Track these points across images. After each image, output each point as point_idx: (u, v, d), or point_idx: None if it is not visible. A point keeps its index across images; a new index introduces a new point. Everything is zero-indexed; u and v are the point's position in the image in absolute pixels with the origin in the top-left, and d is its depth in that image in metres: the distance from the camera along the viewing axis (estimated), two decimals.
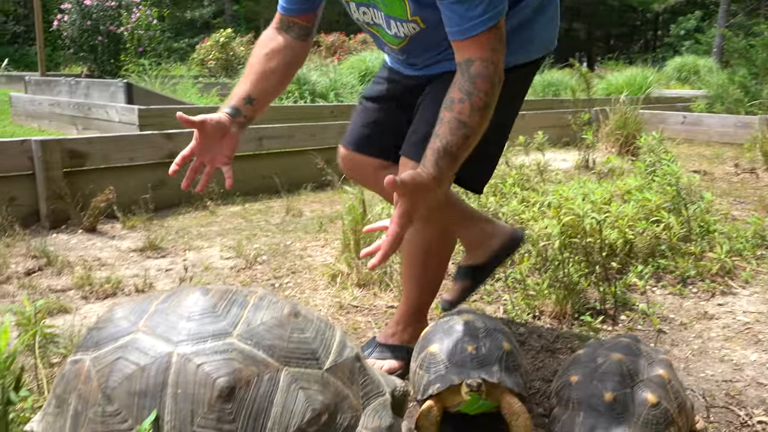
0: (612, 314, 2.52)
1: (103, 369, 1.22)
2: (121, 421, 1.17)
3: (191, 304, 1.30)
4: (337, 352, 1.37)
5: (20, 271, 2.89)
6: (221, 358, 1.21)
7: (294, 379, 1.25)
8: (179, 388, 1.18)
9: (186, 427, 1.16)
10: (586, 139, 4.93)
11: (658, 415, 1.60)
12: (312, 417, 1.23)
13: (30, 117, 7.96)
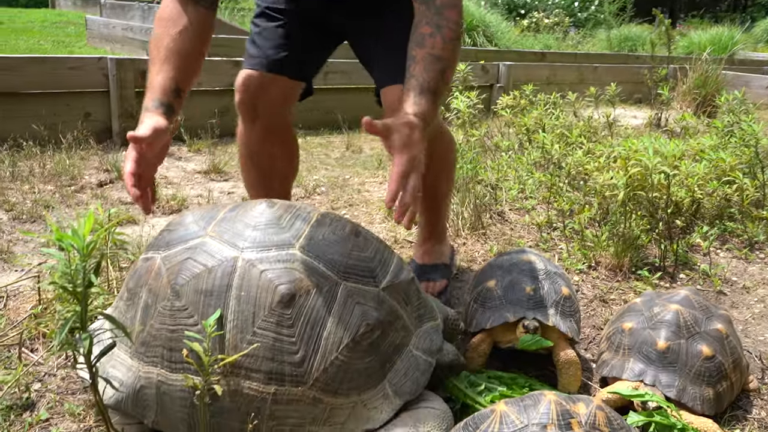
0: (671, 272, 2.46)
1: (173, 267, 1.28)
2: (187, 317, 1.23)
3: (257, 215, 1.34)
4: (394, 273, 1.39)
5: (93, 183, 3.03)
6: (283, 266, 1.26)
7: (351, 293, 1.29)
8: (243, 290, 1.23)
9: (247, 328, 1.21)
10: (661, 96, 4.70)
11: (711, 368, 1.57)
12: (366, 331, 1.27)
13: (104, 40, 8.15)
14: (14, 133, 3.35)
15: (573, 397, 1.16)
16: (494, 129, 4.58)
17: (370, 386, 1.28)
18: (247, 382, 1.21)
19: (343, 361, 1.24)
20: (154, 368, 1.25)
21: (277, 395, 1.21)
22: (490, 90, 5.87)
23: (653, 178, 2.45)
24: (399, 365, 1.33)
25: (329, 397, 1.24)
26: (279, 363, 1.21)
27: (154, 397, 1.26)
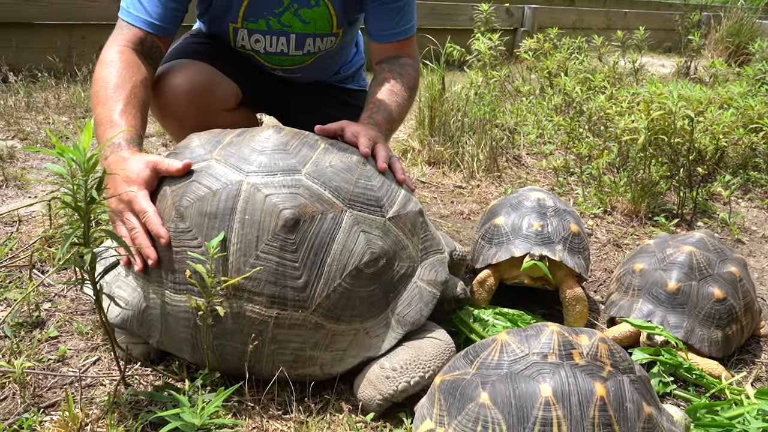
0: (689, 219, 2.41)
1: (178, 189, 1.27)
2: (191, 238, 1.23)
3: (264, 140, 1.32)
4: (401, 204, 1.37)
5: None
6: (288, 191, 1.24)
7: (356, 221, 1.27)
8: (247, 214, 1.22)
9: (250, 251, 1.21)
10: (692, 42, 4.52)
11: (722, 310, 1.55)
12: (370, 259, 1.25)
13: None
14: (29, 63, 3.33)
15: (577, 329, 1.14)
16: (516, 73, 4.46)
17: (372, 314, 1.28)
18: (249, 305, 1.21)
19: (346, 288, 1.24)
20: (159, 289, 1.26)
21: (279, 319, 1.21)
22: (514, 34, 5.70)
23: (676, 122, 2.37)
24: (403, 295, 1.32)
25: (331, 323, 1.24)
26: (282, 287, 1.21)
27: (158, 317, 1.27)
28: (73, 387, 1.27)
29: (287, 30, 1.70)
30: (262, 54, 1.76)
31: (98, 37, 3.64)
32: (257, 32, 1.70)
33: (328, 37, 1.75)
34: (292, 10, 1.67)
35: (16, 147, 2.47)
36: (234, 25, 1.69)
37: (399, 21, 1.74)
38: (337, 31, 1.75)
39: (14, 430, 1.14)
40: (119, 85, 1.40)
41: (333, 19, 1.71)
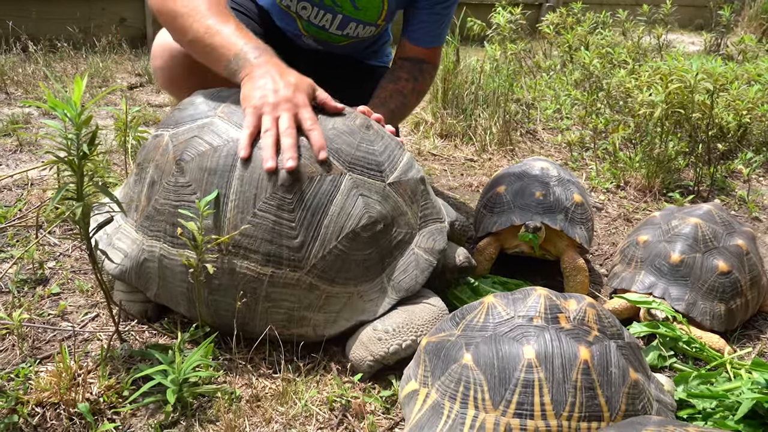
0: (705, 196, 2.35)
1: (179, 144, 1.27)
2: (190, 193, 1.23)
3: None
4: (402, 170, 1.36)
5: (124, 85, 3.06)
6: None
7: (356, 185, 1.26)
8: (246, 171, 1.21)
9: (248, 209, 1.21)
10: (722, 17, 4.37)
11: (726, 283, 1.51)
12: (367, 223, 1.25)
13: None
14: (49, 34, 3.38)
15: (567, 294, 1.13)
16: (538, 48, 4.38)
17: (367, 279, 1.28)
18: (245, 262, 1.22)
19: (341, 251, 1.24)
20: (157, 242, 1.27)
21: (274, 278, 1.22)
22: (538, 9, 5.58)
23: (695, 96, 2.30)
24: (399, 261, 1.32)
25: (325, 284, 1.24)
26: (277, 246, 1.21)
27: (156, 270, 1.28)
28: (70, 341, 1.30)
29: (336, 9, 1.69)
30: (304, 21, 1.75)
31: (117, 8, 3.69)
32: (306, 1, 1.69)
33: (371, 26, 1.76)
34: None
35: (33, 114, 2.52)
36: None
37: (438, 29, 1.79)
38: (381, 23, 1.77)
39: (9, 378, 1.17)
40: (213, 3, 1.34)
41: (383, 12, 1.73)
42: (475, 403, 1.01)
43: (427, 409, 1.06)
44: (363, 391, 1.21)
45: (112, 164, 2.14)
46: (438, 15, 1.76)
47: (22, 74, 2.92)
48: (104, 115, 2.61)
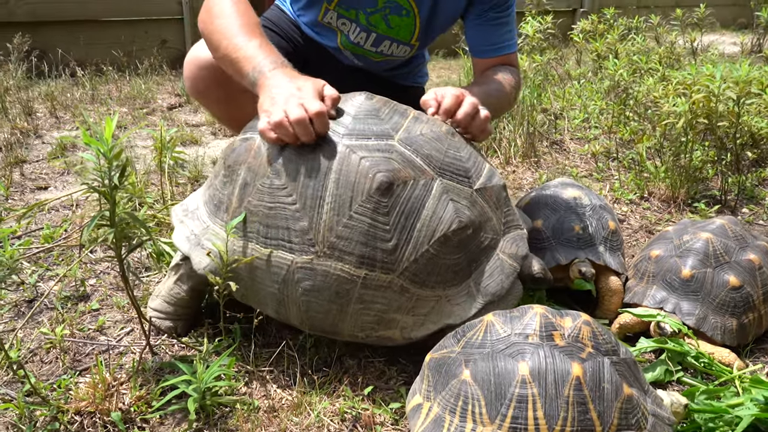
0: (732, 205, 2.33)
1: (273, 147, 1.31)
2: (286, 195, 1.27)
3: (357, 105, 1.35)
4: (487, 177, 1.39)
5: (164, 106, 3.22)
6: (382, 155, 1.27)
7: (446, 190, 1.29)
8: (341, 175, 1.25)
9: (344, 211, 1.25)
10: (761, 17, 4.28)
11: (737, 298, 1.52)
12: (458, 228, 1.28)
13: None
14: (96, 58, 3.58)
15: (563, 312, 1.17)
16: (570, 56, 4.37)
17: (455, 282, 1.31)
18: (339, 264, 1.26)
19: (433, 254, 1.27)
20: (249, 243, 1.31)
21: (367, 280, 1.26)
22: (573, 15, 5.56)
23: (719, 106, 2.29)
24: (485, 266, 1.35)
25: (416, 287, 1.28)
26: (372, 248, 1.25)
27: (246, 270, 1.32)
28: (106, 354, 1.42)
29: (371, 29, 1.78)
30: (343, 36, 1.84)
31: (158, 31, 3.87)
32: (345, 18, 1.78)
33: (405, 45, 1.82)
34: (382, 13, 1.75)
35: (79, 137, 2.69)
36: (327, 5, 1.77)
37: (505, 34, 1.78)
38: (414, 43, 1.82)
39: (52, 388, 1.29)
40: (245, 21, 1.45)
41: (416, 32, 1.79)
42: (473, 417, 1.07)
43: (429, 422, 1.13)
44: (373, 403, 1.28)
45: (150, 184, 2.27)
46: (494, 22, 1.76)
47: (71, 99, 3.11)
48: (145, 135, 2.76)
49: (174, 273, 1.47)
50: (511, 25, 1.80)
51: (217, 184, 1.40)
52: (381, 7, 1.73)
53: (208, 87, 1.78)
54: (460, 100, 1.41)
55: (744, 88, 2.36)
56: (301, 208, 1.24)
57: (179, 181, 2.32)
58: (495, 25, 1.78)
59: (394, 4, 1.73)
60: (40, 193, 2.21)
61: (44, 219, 2.00)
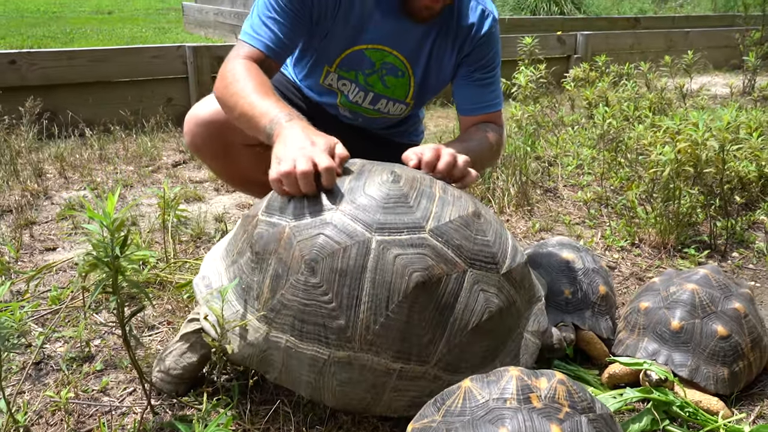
0: (722, 250, 2.38)
1: (305, 241, 1.31)
2: (322, 294, 1.29)
3: (386, 191, 1.34)
4: (511, 257, 1.43)
5: (169, 163, 3.33)
6: (416, 252, 1.29)
7: (476, 280, 1.34)
8: (377, 274, 1.28)
9: (381, 310, 1.28)
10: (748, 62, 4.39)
11: (726, 347, 1.56)
12: (488, 317, 1.34)
13: (198, 25, 8.65)
14: (104, 118, 3.71)
15: (538, 372, 1.21)
16: (564, 102, 4.48)
17: (483, 365, 1.36)
18: (376, 358, 1.30)
19: (465, 344, 1.33)
20: (283, 334, 1.33)
21: (403, 372, 1.31)
22: (567, 61, 5.70)
23: (703, 153, 2.36)
24: (510, 346, 1.41)
25: (448, 374, 1.33)
26: (408, 344, 1.30)
27: (280, 359, 1.35)
28: (109, 414, 1.47)
29: (369, 89, 1.89)
30: (343, 96, 1.94)
31: (164, 89, 4.02)
32: (346, 79, 1.89)
33: (401, 104, 1.93)
34: (379, 74, 1.86)
35: (87, 197, 2.79)
36: (328, 68, 1.88)
37: (490, 93, 1.89)
38: (409, 101, 1.93)
39: None
40: (259, 82, 1.55)
41: (410, 91, 1.90)
42: None
43: None
44: None
45: (154, 242, 2.35)
46: (480, 82, 1.87)
47: (80, 159, 3.23)
48: (150, 193, 2.86)
49: (186, 341, 1.51)
50: (496, 84, 1.91)
51: (244, 266, 1.41)
52: (378, 68, 1.84)
53: (206, 143, 1.89)
54: (438, 153, 1.48)
55: (727, 137, 2.44)
56: (337, 307, 1.27)
57: (182, 238, 2.39)
58: (481, 85, 1.88)
59: (390, 65, 1.84)
60: (49, 254, 2.28)
61: (52, 280, 2.08)
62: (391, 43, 1.79)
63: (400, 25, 1.76)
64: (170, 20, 10.35)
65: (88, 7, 12.67)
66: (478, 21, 1.81)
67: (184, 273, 2.09)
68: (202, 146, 1.89)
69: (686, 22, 8.03)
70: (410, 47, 1.81)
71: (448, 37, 1.81)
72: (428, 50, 1.82)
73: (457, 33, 1.81)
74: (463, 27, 1.80)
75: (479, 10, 1.82)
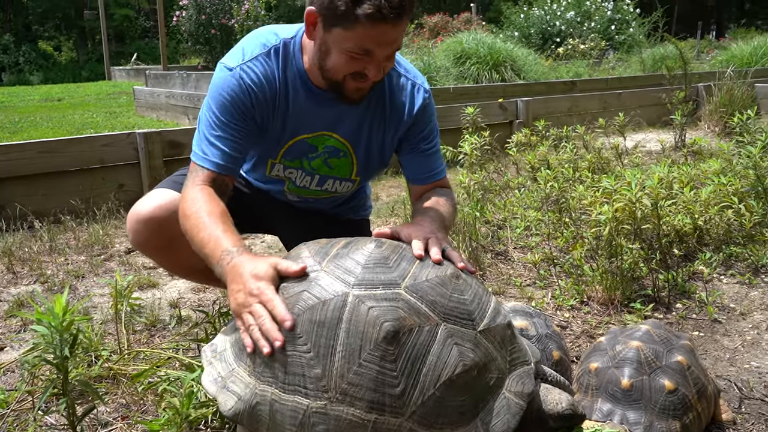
0: (666, 302, 2.48)
1: (291, 298, 1.41)
2: (302, 344, 1.36)
3: (367, 254, 1.45)
4: (490, 317, 1.48)
5: (121, 250, 3.30)
6: (389, 305, 1.36)
7: (450, 334, 1.38)
8: (351, 324, 1.35)
9: (354, 359, 1.33)
10: (675, 120, 4.69)
11: (675, 401, 1.61)
12: (462, 371, 1.36)
13: (150, 108, 8.74)
14: (55, 208, 3.69)
15: None
16: (510, 166, 4.67)
17: (463, 423, 1.37)
18: (350, 409, 1.32)
19: (439, 397, 1.34)
20: (269, 387, 1.38)
21: (377, 424, 1.32)
22: (510, 126, 5.96)
23: (639, 210, 2.49)
24: (491, 405, 1.41)
25: (424, 430, 1.34)
26: (381, 394, 1.32)
27: (267, 413, 1.38)
28: None
29: (314, 172, 1.95)
30: (290, 183, 1.99)
31: (116, 176, 4.03)
32: (291, 168, 1.95)
33: (347, 181, 2.00)
34: (323, 158, 1.92)
35: (38, 290, 2.73)
36: (273, 160, 1.94)
37: (436, 161, 1.98)
38: (354, 178, 2.00)
39: None
40: (211, 212, 1.63)
41: (354, 169, 1.97)
42: None
43: None
44: None
45: (107, 334, 2.31)
46: (425, 153, 1.95)
47: (29, 252, 3.17)
48: (102, 283, 2.82)
49: None
50: (439, 152, 2.01)
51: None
52: (321, 152, 1.91)
53: (147, 239, 1.90)
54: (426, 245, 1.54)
55: (660, 193, 2.59)
56: (315, 356, 1.33)
57: (136, 328, 2.36)
58: (427, 155, 1.97)
59: (332, 147, 1.91)
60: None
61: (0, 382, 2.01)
62: (330, 128, 1.87)
63: (336, 111, 1.83)
64: (121, 104, 10.42)
65: (37, 95, 12.66)
66: (410, 96, 1.89)
67: (139, 363, 2.05)
68: (144, 243, 1.91)
69: (619, 83, 8.52)
70: (349, 129, 1.88)
71: (384, 116, 1.89)
72: (367, 130, 1.90)
73: (392, 111, 1.89)
74: (397, 104, 1.88)
75: (410, 86, 1.89)
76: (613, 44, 14.25)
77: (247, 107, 1.76)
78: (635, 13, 15.07)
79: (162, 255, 1.98)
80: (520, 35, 14.16)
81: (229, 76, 1.76)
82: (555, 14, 14.70)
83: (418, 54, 8.97)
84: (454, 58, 9.06)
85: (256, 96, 1.75)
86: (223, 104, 1.75)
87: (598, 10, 14.87)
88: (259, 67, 1.77)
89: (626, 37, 14.53)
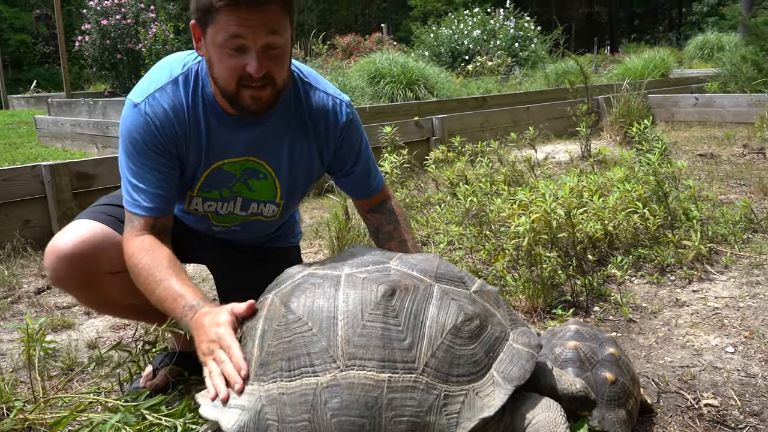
0: (585, 306, 2.60)
1: (285, 294, 1.47)
2: (302, 324, 1.39)
3: (352, 254, 1.58)
4: (480, 284, 1.57)
5: (31, 291, 3.10)
6: (381, 273, 1.45)
7: (445, 292, 1.45)
8: (349, 294, 1.40)
9: (357, 322, 1.36)
10: (580, 131, 4.96)
11: (618, 391, 1.70)
12: (465, 319, 1.41)
13: (54, 138, 8.29)
14: None
15: None
16: (429, 182, 4.76)
17: (479, 374, 1.38)
18: (362, 372, 1.32)
19: (449, 346, 1.37)
20: (274, 384, 1.37)
21: (392, 382, 1.32)
22: (427, 143, 6.10)
23: (553, 220, 2.61)
24: (502, 355, 1.44)
25: (441, 383, 1.34)
26: (390, 350, 1.34)
27: (275, 412, 1.35)
28: None
29: (236, 195, 1.90)
30: (213, 215, 1.94)
31: (21, 211, 3.81)
32: (210, 200, 1.89)
33: (271, 204, 1.95)
34: (242, 180, 1.88)
35: None
36: (191, 192, 1.88)
37: (374, 176, 2.02)
38: (279, 201, 1.95)
39: None
40: (161, 265, 1.63)
41: (277, 191, 1.92)
42: None
43: None
44: None
45: (19, 383, 2.16)
46: (361, 173, 1.97)
47: None
48: (11, 328, 2.64)
49: None
50: (375, 166, 2.04)
51: (242, 343, 1.50)
52: (240, 176, 1.87)
53: (68, 276, 1.80)
54: None
55: (572, 202, 2.72)
56: (318, 332, 1.37)
57: (52, 373, 2.23)
58: (363, 175, 1.99)
59: (250, 169, 1.87)
60: None
61: None
62: (245, 152, 1.81)
63: (250, 134, 1.79)
64: (21, 134, 9.83)
65: None
66: (332, 111, 1.85)
67: (58, 411, 1.93)
68: (66, 280, 1.80)
69: (526, 98, 8.90)
70: (268, 152, 1.84)
71: (306, 134, 1.85)
72: (288, 151, 1.85)
73: (315, 129, 1.85)
74: (318, 120, 1.84)
75: (330, 101, 1.85)
76: (518, 60, 14.91)
77: (160, 142, 1.72)
78: (536, 30, 15.84)
79: (85, 292, 1.87)
80: (431, 54, 14.55)
81: (136, 113, 1.72)
82: (462, 33, 15.22)
83: (333, 74, 9.03)
84: (368, 77, 9.18)
85: (164, 130, 1.72)
86: (136, 145, 1.71)
87: (502, 28, 15.54)
88: (166, 99, 1.73)
89: (530, 53, 15.22)
